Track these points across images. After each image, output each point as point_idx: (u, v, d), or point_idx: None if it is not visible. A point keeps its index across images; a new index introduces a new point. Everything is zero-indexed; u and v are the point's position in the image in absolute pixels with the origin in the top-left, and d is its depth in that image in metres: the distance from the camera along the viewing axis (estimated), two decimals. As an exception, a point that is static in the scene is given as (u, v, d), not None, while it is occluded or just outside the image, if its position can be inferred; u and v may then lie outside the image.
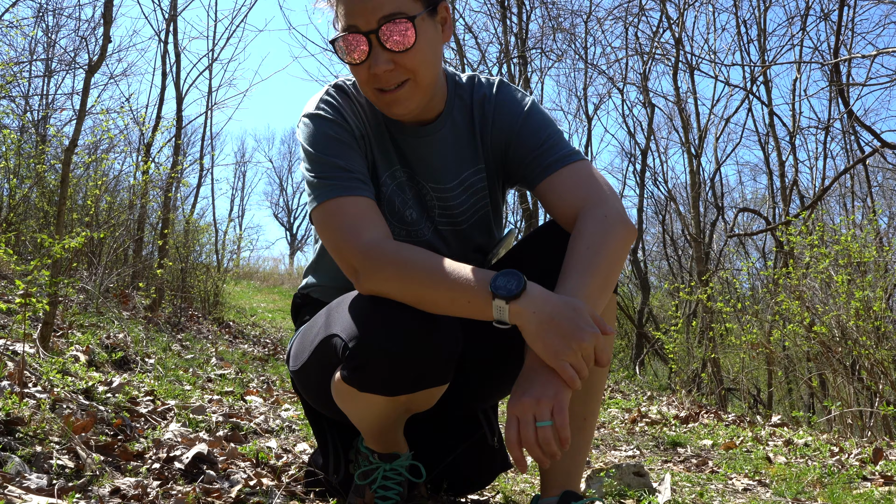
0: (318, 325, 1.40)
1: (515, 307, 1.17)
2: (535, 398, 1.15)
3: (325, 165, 1.36)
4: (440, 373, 1.31)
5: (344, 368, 1.30)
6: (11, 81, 6.42)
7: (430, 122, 1.47)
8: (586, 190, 1.37)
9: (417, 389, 1.31)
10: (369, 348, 1.24)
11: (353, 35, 1.29)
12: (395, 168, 1.49)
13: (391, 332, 1.24)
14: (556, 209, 1.40)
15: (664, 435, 3.50)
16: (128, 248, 6.96)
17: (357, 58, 1.31)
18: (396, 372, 1.26)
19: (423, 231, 1.51)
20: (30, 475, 1.39)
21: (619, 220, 1.32)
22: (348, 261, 1.30)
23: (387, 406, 1.34)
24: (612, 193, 1.37)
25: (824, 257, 5.11)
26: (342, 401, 1.38)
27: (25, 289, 2.20)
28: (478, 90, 1.51)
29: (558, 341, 1.14)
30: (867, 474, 2.56)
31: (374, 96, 1.37)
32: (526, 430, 1.14)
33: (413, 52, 1.31)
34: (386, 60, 1.30)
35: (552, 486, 1.42)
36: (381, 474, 1.49)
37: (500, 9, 9.25)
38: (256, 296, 12.48)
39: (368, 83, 1.34)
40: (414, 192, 1.51)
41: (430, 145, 1.48)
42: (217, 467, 1.71)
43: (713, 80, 10.06)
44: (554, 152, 1.42)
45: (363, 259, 1.27)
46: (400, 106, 1.36)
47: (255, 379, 3.98)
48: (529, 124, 1.46)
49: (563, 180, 1.40)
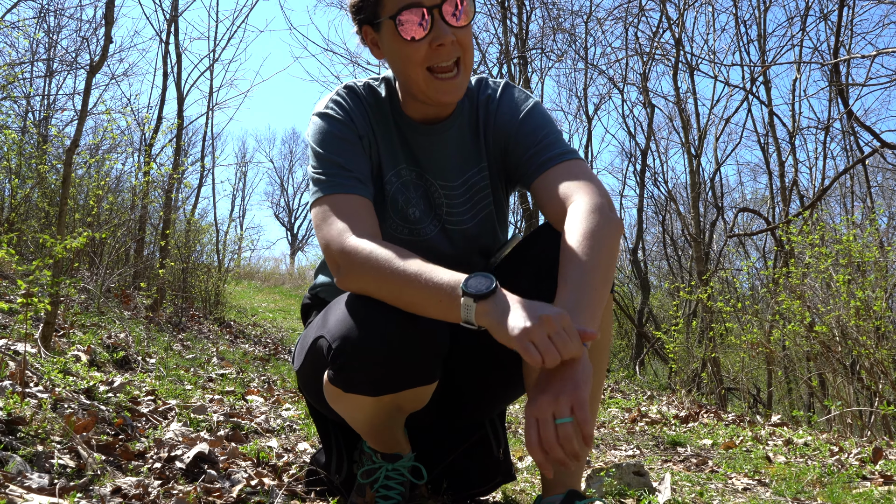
0: (314, 327, 1.42)
1: (482, 306, 1.14)
2: (553, 395, 1.10)
3: (327, 162, 1.39)
4: (423, 372, 1.31)
5: (330, 370, 1.31)
6: (13, 82, 6.42)
7: (442, 120, 1.49)
8: (576, 187, 1.37)
9: (402, 389, 1.32)
10: (351, 349, 1.25)
11: (416, 10, 1.31)
12: (400, 167, 1.50)
13: (373, 332, 1.24)
14: (547, 207, 1.40)
15: (664, 434, 3.51)
16: (129, 249, 6.97)
17: (419, 34, 1.32)
18: (378, 372, 1.27)
19: (426, 230, 1.52)
20: (31, 474, 1.40)
21: (607, 215, 1.31)
22: (332, 257, 1.31)
23: (374, 406, 1.35)
24: (601, 190, 1.36)
25: (825, 257, 5.12)
26: (332, 401, 1.39)
27: (27, 289, 2.20)
28: (484, 91, 1.54)
29: (518, 321, 1.10)
30: (867, 474, 2.56)
31: (426, 81, 1.36)
32: (546, 429, 1.09)
33: (469, 28, 1.35)
34: (449, 33, 1.32)
35: (555, 485, 1.43)
36: (383, 474, 1.50)
37: (501, 9, 9.25)
38: (257, 296, 12.49)
39: (424, 62, 1.35)
40: (421, 190, 1.52)
41: (440, 144, 1.50)
42: (218, 467, 1.71)
43: (713, 81, 10.08)
44: (548, 151, 1.43)
45: (344, 256, 1.28)
46: (457, 91, 1.38)
47: (256, 379, 3.99)
48: (528, 123, 1.47)
49: (554, 178, 1.40)
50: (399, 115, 1.50)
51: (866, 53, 5.42)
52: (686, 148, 9.40)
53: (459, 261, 1.53)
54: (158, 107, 7.99)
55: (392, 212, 1.50)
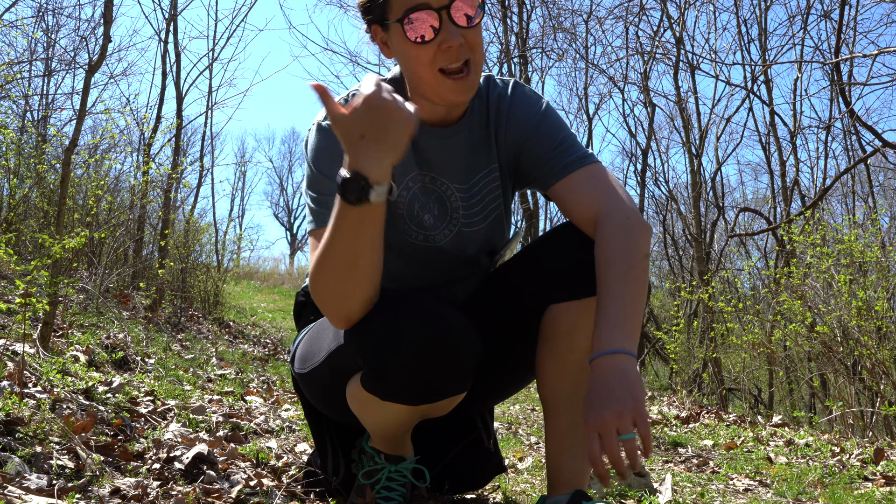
0: (330, 330, 1.40)
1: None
2: (617, 412, 1.13)
3: (322, 187, 1.35)
4: (463, 381, 1.31)
5: (366, 376, 1.30)
6: (11, 81, 6.42)
7: (454, 122, 1.47)
8: (603, 193, 1.38)
9: (440, 398, 1.32)
10: (395, 358, 1.24)
11: (424, 11, 1.29)
12: (414, 172, 1.47)
13: (419, 342, 1.23)
14: (574, 210, 1.41)
15: (665, 435, 3.50)
16: (128, 248, 6.96)
17: (427, 35, 1.30)
18: (421, 382, 1.26)
19: (439, 236, 1.49)
20: (30, 475, 1.39)
21: (640, 223, 1.34)
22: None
23: (408, 414, 1.34)
24: (627, 196, 1.39)
25: (827, 257, 5.11)
26: (360, 407, 1.37)
27: (25, 289, 2.19)
28: (493, 89, 1.51)
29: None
30: (868, 474, 2.55)
31: (436, 81, 1.34)
32: (611, 444, 1.12)
33: (478, 27, 1.34)
34: (458, 34, 1.30)
35: (561, 485, 1.42)
36: (385, 475, 1.48)
37: (501, 8, 9.24)
38: (256, 296, 12.48)
39: (434, 63, 1.32)
40: (435, 195, 1.49)
41: (454, 146, 1.48)
42: (217, 467, 1.71)
43: (714, 80, 10.06)
44: (569, 154, 1.43)
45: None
46: (468, 91, 1.35)
47: (255, 379, 3.98)
48: (545, 125, 1.46)
49: (579, 182, 1.41)
50: None
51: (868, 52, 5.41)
52: (687, 147, 9.38)
53: (470, 262, 1.54)
54: (157, 106, 8.00)
55: (408, 218, 1.47)
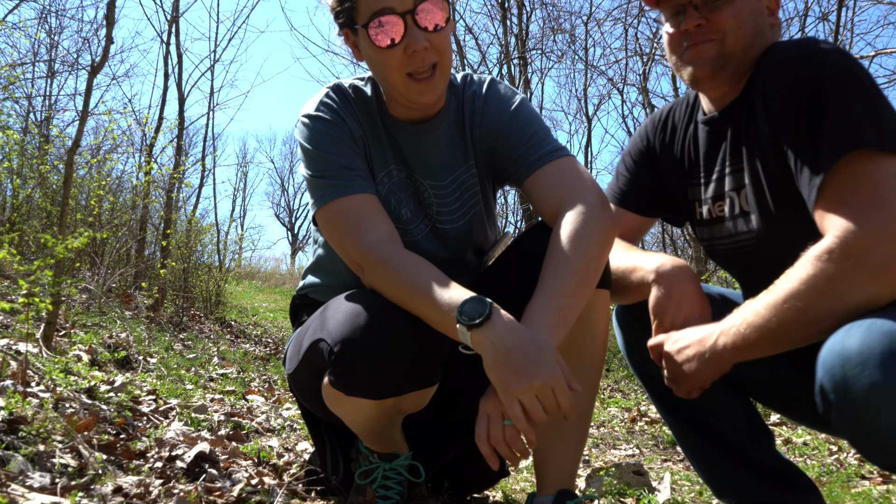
0: (309, 329, 1.41)
1: (476, 335, 1.17)
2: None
3: (326, 164, 1.37)
4: (426, 374, 1.32)
5: (331, 373, 1.31)
6: (14, 82, 6.44)
7: (429, 119, 1.48)
8: (567, 187, 1.37)
9: (404, 392, 1.32)
10: (354, 352, 1.25)
11: (389, 16, 1.30)
12: (391, 167, 1.49)
13: (376, 335, 1.25)
14: (540, 206, 1.40)
15: (664, 434, 3.51)
16: (130, 249, 6.99)
17: (392, 40, 1.31)
18: (381, 375, 1.27)
19: (416, 230, 1.52)
20: (32, 474, 1.40)
21: (597, 213, 1.31)
22: (354, 259, 1.35)
23: (376, 409, 1.35)
24: (594, 189, 1.36)
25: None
26: (333, 404, 1.38)
27: (28, 289, 2.21)
28: (469, 88, 1.52)
29: (510, 376, 1.14)
30: (865, 473, 2.57)
31: (404, 85, 1.36)
32: (494, 427, 1.17)
33: (444, 31, 1.34)
34: (423, 39, 1.31)
35: (548, 484, 1.42)
36: (380, 474, 1.50)
37: (501, 10, 9.25)
38: (258, 296, 12.49)
39: (401, 68, 1.34)
40: (411, 190, 1.51)
41: (429, 143, 1.49)
42: (219, 466, 1.72)
43: (714, 81, 10.02)
44: (539, 149, 1.43)
45: (365, 259, 1.32)
46: (433, 92, 1.37)
47: (256, 378, 3.99)
48: (517, 121, 1.47)
49: (547, 176, 1.40)
50: (386, 115, 1.49)
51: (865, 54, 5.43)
52: (686, 148, 9.37)
53: (452, 260, 1.54)
54: (159, 107, 8.00)
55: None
